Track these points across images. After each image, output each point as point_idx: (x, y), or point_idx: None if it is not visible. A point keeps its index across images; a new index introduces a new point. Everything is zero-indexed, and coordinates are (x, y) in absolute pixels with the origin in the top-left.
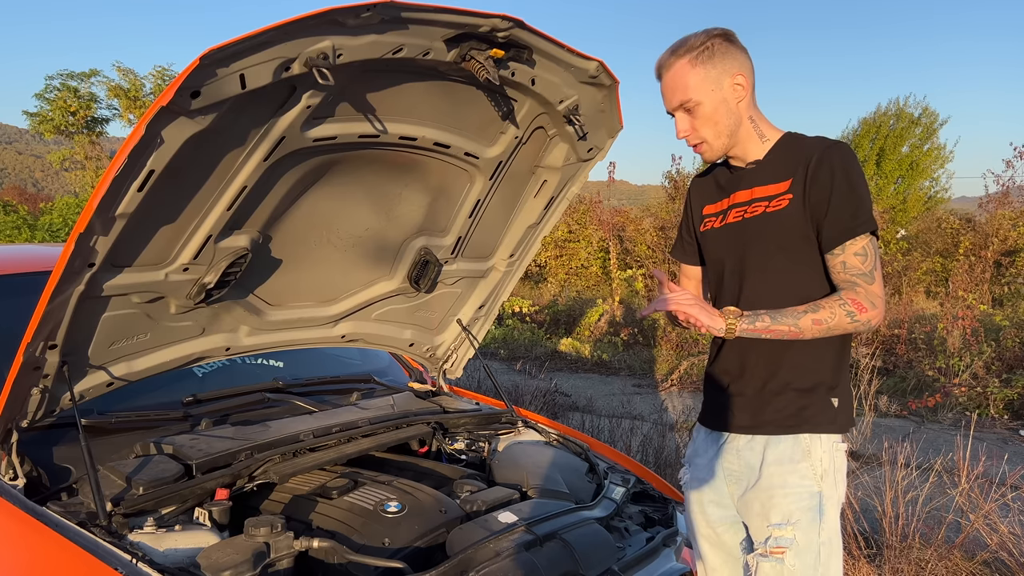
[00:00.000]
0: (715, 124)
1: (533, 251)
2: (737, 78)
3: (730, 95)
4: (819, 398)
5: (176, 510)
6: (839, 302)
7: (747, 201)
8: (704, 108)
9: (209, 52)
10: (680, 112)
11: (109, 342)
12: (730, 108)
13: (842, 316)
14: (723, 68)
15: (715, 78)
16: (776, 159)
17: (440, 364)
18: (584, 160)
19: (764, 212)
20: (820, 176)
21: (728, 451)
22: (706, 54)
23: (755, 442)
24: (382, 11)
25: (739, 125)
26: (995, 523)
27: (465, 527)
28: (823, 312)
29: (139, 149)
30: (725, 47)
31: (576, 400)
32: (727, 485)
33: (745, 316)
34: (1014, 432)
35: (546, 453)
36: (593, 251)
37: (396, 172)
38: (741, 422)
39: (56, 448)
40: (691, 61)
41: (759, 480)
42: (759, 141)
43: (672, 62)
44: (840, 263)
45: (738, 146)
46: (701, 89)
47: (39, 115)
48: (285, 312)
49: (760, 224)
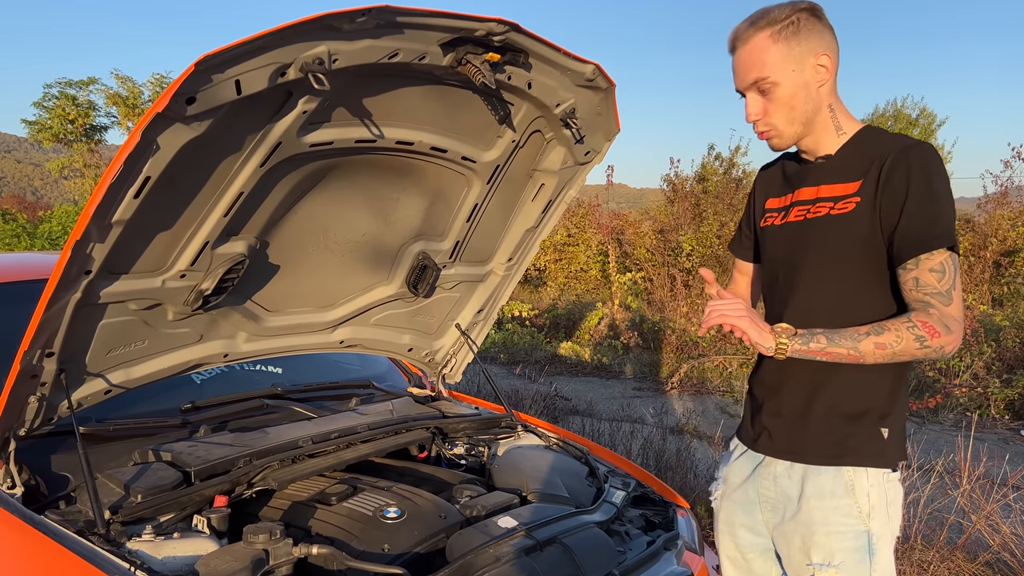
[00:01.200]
0: (791, 109)
1: (531, 255)
2: (821, 58)
3: (812, 78)
4: (867, 427)
5: (174, 517)
6: (907, 324)
7: (811, 200)
8: (781, 90)
9: (204, 58)
10: (752, 92)
11: (107, 349)
12: (810, 93)
13: (910, 340)
14: (808, 46)
15: (797, 57)
16: (849, 156)
17: (439, 369)
18: (581, 163)
19: (828, 214)
20: (895, 179)
21: (764, 475)
22: (790, 29)
23: (794, 470)
24: (377, 16)
25: (817, 113)
26: (997, 524)
27: (465, 532)
28: (888, 335)
29: (135, 156)
30: (811, 23)
31: (576, 404)
32: (762, 512)
33: (799, 335)
34: (1015, 432)
35: (546, 457)
36: (592, 254)
37: (393, 177)
38: (778, 446)
39: (54, 456)
40: (773, 35)
41: (798, 513)
42: (834, 133)
43: (750, 35)
44: (912, 279)
45: (811, 136)
46: (781, 68)
47: (38, 123)
48: (283, 318)
49: (822, 227)
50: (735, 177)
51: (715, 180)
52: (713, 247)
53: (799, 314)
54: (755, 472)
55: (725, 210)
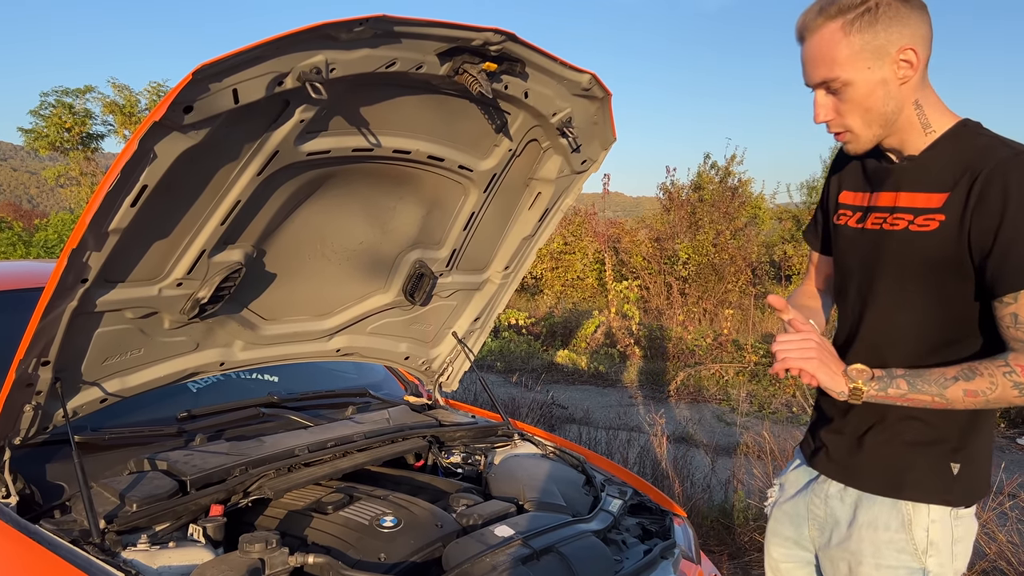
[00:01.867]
0: (866, 111)
1: (528, 263)
2: (906, 52)
3: (892, 75)
4: (934, 460)
5: (170, 527)
6: (1003, 369)
7: (889, 207)
8: (855, 91)
9: (202, 67)
10: (821, 90)
11: (102, 358)
12: (890, 91)
13: (1007, 388)
14: (887, 38)
15: (875, 52)
16: (935, 160)
17: (436, 377)
18: (578, 172)
19: (907, 229)
20: (990, 198)
21: (817, 492)
22: (867, 18)
23: (847, 494)
24: (375, 25)
25: (900, 112)
26: (993, 532)
27: (461, 541)
28: (981, 381)
29: (132, 164)
30: (894, 8)
31: (573, 412)
32: (809, 528)
33: (876, 379)
34: (1011, 440)
35: (542, 466)
36: (589, 263)
37: (390, 185)
38: (834, 466)
39: (49, 465)
40: (844, 26)
41: (847, 540)
42: (921, 132)
43: (818, 24)
44: (1010, 315)
45: (895, 135)
46: (853, 65)
47: (34, 132)
48: (279, 326)
49: (900, 243)
50: (731, 186)
51: (711, 189)
52: (709, 255)
53: (866, 335)
54: (808, 487)
55: (721, 218)
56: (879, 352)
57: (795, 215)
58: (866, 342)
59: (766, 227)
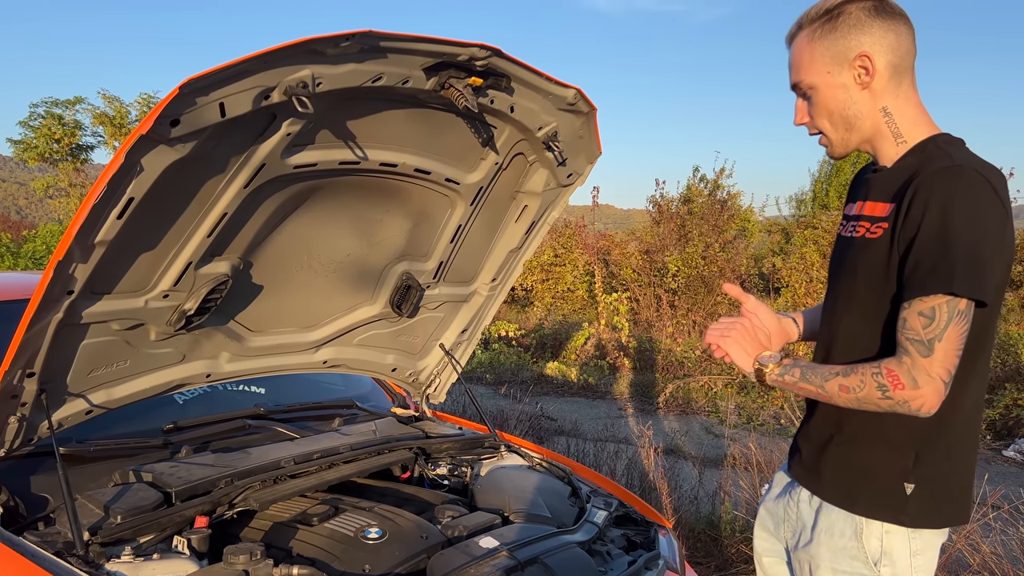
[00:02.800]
0: (830, 113)
1: (515, 275)
2: (862, 59)
3: (851, 80)
4: (886, 477)
5: (155, 538)
6: (873, 371)
7: (856, 215)
8: (819, 94)
9: (189, 81)
10: (799, 96)
11: (88, 370)
12: (851, 96)
13: (872, 388)
14: (845, 44)
15: (834, 57)
16: (896, 173)
17: (423, 389)
18: (564, 185)
19: (863, 236)
20: (913, 208)
21: (792, 495)
22: (827, 26)
23: (813, 500)
24: (361, 40)
25: (863, 118)
26: (977, 543)
27: (446, 552)
28: (853, 378)
29: (119, 177)
30: (857, 17)
31: (562, 424)
32: (784, 529)
33: (782, 365)
34: (996, 452)
35: (529, 477)
36: (579, 275)
37: (377, 198)
38: (803, 472)
39: (34, 477)
40: (809, 35)
41: (810, 543)
42: (893, 141)
43: (794, 33)
44: (902, 319)
45: (869, 143)
46: (815, 70)
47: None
48: (266, 338)
49: (855, 249)
50: (720, 199)
51: (700, 201)
52: (698, 268)
53: (828, 338)
54: (786, 490)
55: (710, 231)
56: (831, 354)
57: (784, 228)
58: (824, 343)
59: (755, 240)
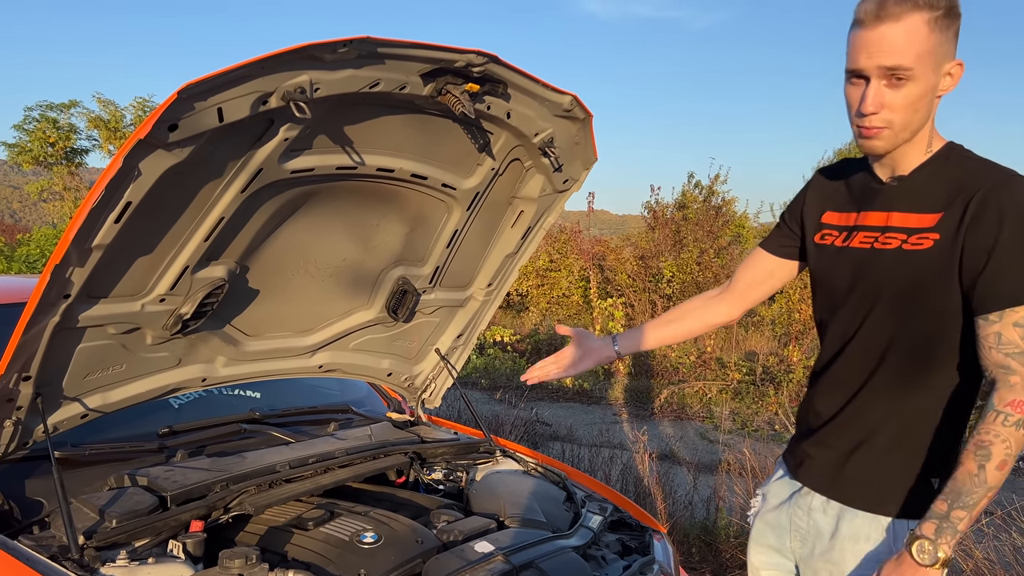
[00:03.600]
0: (913, 112)
1: (511, 280)
2: (955, 67)
3: (939, 84)
4: (916, 476)
5: (150, 543)
6: (1000, 419)
7: (880, 227)
8: (914, 87)
9: (187, 86)
10: (881, 79)
11: (84, 373)
12: (931, 99)
13: (1014, 434)
14: (949, 48)
15: (944, 55)
16: (928, 181)
17: (418, 394)
18: (560, 191)
19: (900, 248)
20: (985, 219)
21: (800, 504)
22: (945, 22)
23: (830, 506)
24: (359, 46)
25: (926, 122)
26: (970, 548)
27: (441, 557)
28: (997, 448)
29: (116, 181)
30: (957, 24)
31: (557, 429)
32: (791, 539)
33: (940, 532)
34: None
35: (524, 482)
36: (574, 280)
37: (374, 203)
38: (818, 479)
39: (29, 481)
40: (931, 22)
41: (830, 551)
42: (923, 150)
43: (904, 11)
44: (994, 334)
45: (904, 147)
46: (924, 62)
47: (18, 146)
48: (262, 342)
49: (892, 262)
50: (714, 205)
51: (695, 208)
52: (693, 274)
53: (864, 352)
54: (791, 499)
55: (705, 237)
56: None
57: None
58: (851, 357)
59: (750, 246)
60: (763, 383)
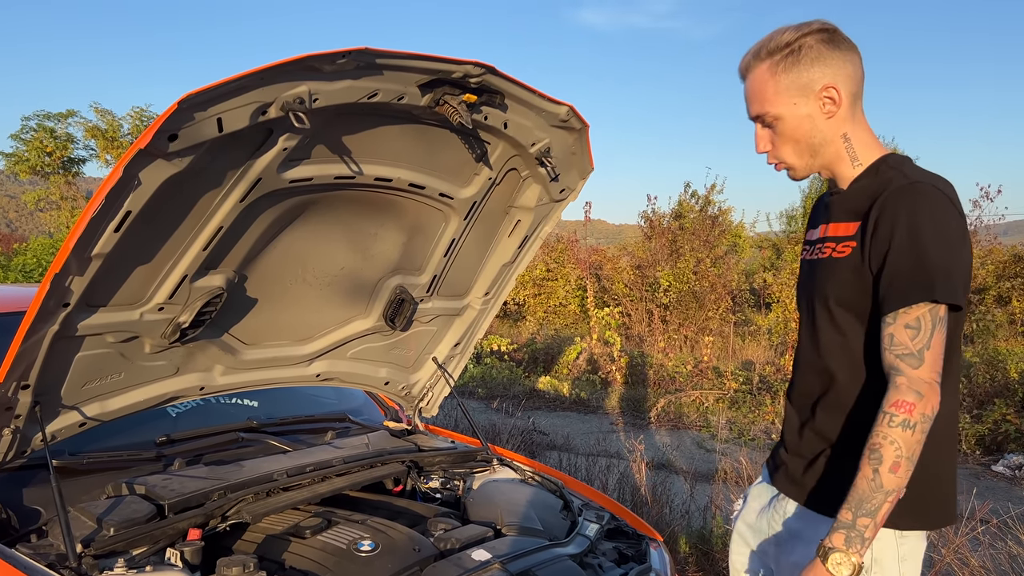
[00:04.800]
0: (796, 143)
1: (508, 289)
2: (828, 90)
3: (817, 110)
4: None
5: (147, 551)
6: (886, 419)
7: (821, 237)
8: (784, 124)
9: (187, 96)
10: (758, 124)
11: (82, 382)
12: (816, 125)
13: (901, 434)
14: (810, 77)
15: (800, 89)
16: (856, 193)
17: (416, 402)
18: (556, 200)
19: (830, 256)
20: (881, 225)
21: (777, 509)
22: (790, 59)
23: (801, 512)
24: (357, 58)
25: (827, 144)
26: (966, 557)
27: (438, 565)
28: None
29: (116, 191)
30: (818, 50)
31: (554, 439)
32: (768, 543)
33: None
34: (985, 467)
35: (521, 491)
36: (571, 289)
37: (372, 212)
38: (792, 485)
39: (27, 489)
40: (771, 67)
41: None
42: (850, 165)
43: (752, 66)
44: (888, 336)
45: (829, 168)
46: (781, 102)
47: (14, 155)
48: (260, 351)
49: (823, 270)
50: (711, 214)
51: (691, 217)
52: (690, 283)
53: (809, 359)
54: (771, 504)
55: (701, 246)
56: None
57: (775, 243)
58: (804, 365)
59: (746, 255)
60: (760, 392)
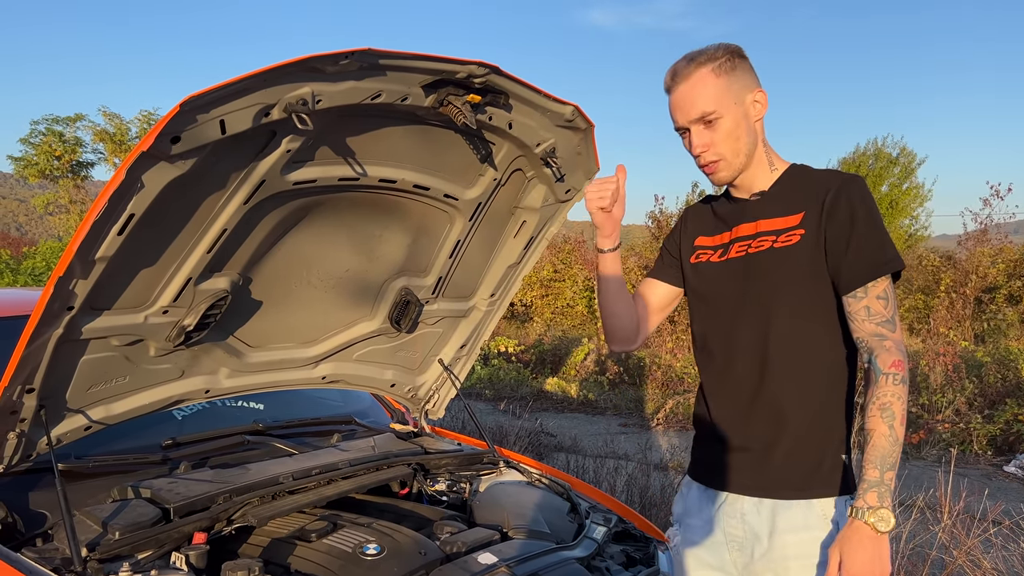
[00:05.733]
0: (736, 140)
1: (514, 290)
2: (757, 95)
3: (751, 112)
4: (831, 456)
5: (153, 555)
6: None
7: (751, 235)
8: (725, 123)
9: (190, 99)
10: (698, 126)
11: (87, 385)
12: (750, 126)
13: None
14: (744, 83)
15: (737, 92)
16: (785, 191)
17: (422, 404)
18: (562, 201)
19: (771, 248)
20: (838, 211)
21: (730, 514)
22: (728, 65)
23: (762, 506)
24: (360, 58)
25: (755, 147)
26: (978, 558)
27: (445, 569)
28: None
29: (119, 193)
30: (743, 63)
31: (561, 440)
32: (729, 552)
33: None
34: (997, 468)
35: (527, 493)
36: (578, 290)
37: (376, 214)
38: (745, 483)
39: (32, 493)
40: (715, 71)
41: (770, 550)
42: (768, 169)
43: (692, 71)
44: (863, 308)
45: (747, 172)
46: (724, 102)
47: (24, 159)
48: (265, 354)
49: (766, 260)
50: None
51: None
52: None
53: (751, 348)
54: (719, 511)
55: None
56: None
57: None
58: (748, 351)
59: None
60: None
